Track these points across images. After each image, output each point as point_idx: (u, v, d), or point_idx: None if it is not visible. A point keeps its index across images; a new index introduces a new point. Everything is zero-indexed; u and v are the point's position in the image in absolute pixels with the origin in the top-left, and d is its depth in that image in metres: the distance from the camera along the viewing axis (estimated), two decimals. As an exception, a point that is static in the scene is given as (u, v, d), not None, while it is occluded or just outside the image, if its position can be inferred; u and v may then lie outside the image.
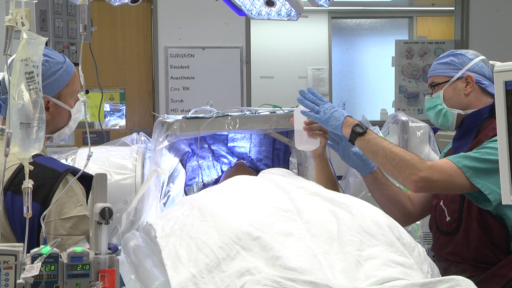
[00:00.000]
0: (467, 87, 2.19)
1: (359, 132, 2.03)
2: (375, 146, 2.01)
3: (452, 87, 2.22)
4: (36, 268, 1.27)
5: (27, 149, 1.35)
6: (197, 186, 2.61)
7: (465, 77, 2.20)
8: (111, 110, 5.97)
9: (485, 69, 2.21)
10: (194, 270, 1.51)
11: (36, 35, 1.37)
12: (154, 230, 1.80)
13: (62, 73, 1.90)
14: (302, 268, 1.49)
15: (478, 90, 2.20)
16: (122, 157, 2.44)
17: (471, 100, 2.20)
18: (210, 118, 2.42)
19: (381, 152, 2.00)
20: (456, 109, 2.22)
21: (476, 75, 2.20)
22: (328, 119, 2.10)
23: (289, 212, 1.76)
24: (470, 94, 2.20)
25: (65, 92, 1.91)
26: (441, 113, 2.25)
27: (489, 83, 2.20)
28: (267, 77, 6.87)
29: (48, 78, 1.86)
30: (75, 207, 1.72)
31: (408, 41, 6.60)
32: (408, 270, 1.56)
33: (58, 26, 3.31)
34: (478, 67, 2.21)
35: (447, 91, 2.23)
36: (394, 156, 1.97)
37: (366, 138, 2.03)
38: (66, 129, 1.96)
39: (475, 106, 2.20)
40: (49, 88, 1.86)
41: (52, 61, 1.89)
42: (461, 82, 2.21)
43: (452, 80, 2.22)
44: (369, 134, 2.03)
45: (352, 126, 2.05)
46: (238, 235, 1.58)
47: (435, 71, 2.29)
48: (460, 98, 2.21)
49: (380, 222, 1.71)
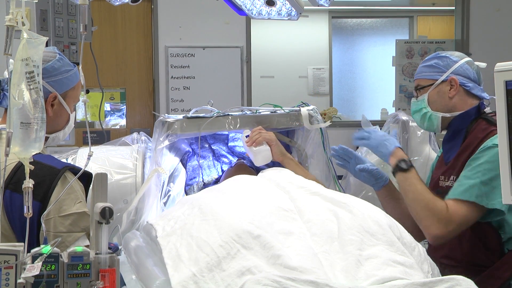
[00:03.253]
0: (451, 90, 2.20)
1: (402, 168, 2.06)
2: (410, 186, 2.04)
3: (437, 90, 2.23)
4: (36, 268, 1.27)
5: (27, 148, 1.36)
6: (198, 185, 2.61)
7: (449, 80, 2.20)
8: (111, 110, 5.97)
9: (469, 71, 2.21)
10: (195, 269, 1.51)
11: (36, 34, 1.37)
12: (155, 230, 1.80)
13: (72, 74, 1.94)
14: (302, 267, 1.49)
15: (462, 93, 2.20)
16: (122, 157, 2.44)
17: (455, 103, 2.21)
18: (211, 117, 2.42)
19: (411, 194, 2.04)
20: (440, 113, 2.23)
21: (461, 77, 2.20)
22: (378, 145, 2.15)
23: (290, 212, 1.76)
24: (455, 97, 2.20)
25: (70, 94, 1.94)
26: (426, 117, 2.26)
27: (474, 85, 2.20)
28: (267, 77, 6.87)
29: (61, 74, 1.90)
30: (74, 204, 1.73)
31: (408, 41, 6.59)
32: (408, 269, 1.56)
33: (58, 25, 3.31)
34: (463, 70, 2.21)
35: (432, 94, 2.24)
36: (420, 202, 2.01)
37: (407, 176, 2.05)
38: (61, 133, 1.98)
39: (460, 108, 2.20)
40: (59, 84, 1.90)
41: (65, 61, 1.94)
42: (446, 85, 2.21)
43: (436, 83, 2.22)
44: (411, 173, 2.05)
45: (399, 159, 2.08)
46: (238, 234, 1.58)
47: (420, 74, 2.30)
48: (444, 101, 2.22)
49: (380, 222, 1.71)
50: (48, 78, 1.87)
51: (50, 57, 1.89)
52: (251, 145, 2.40)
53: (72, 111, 1.97)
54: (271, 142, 2.41)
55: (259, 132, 2.42)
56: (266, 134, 2.41)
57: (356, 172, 2.28)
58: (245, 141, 2.44)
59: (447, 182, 2.16)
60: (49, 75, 1.87)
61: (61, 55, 1.93)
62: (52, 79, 1.88)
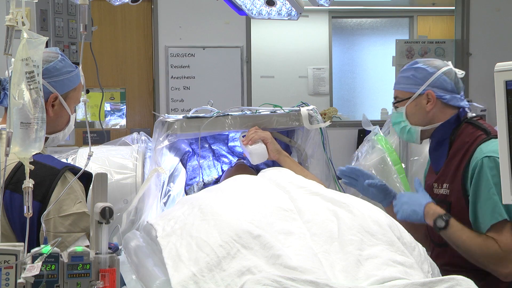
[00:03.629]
0: (428, 104, 2.19)
1: (441, 227, 2.02)
2: (456, 240, 2.01)
3: (414, 103, 2.22)
4: (36, 268, 1.27)
5: (27, 148, 1.36)
6: (198, 185, 2.61)
7: (426, 93, 2.19)
8: (111, 110, 5.97)
9: (447, 83, 2.19)
10: (195, 269, 1.51)
11: (36, 34, 1.37)
12: (155, 230, 1.80)
13: (74, 75, 1.94)
14: (302, 267, 1.49)
15: (440, 105, 2.19)
16: (122, 157, 2.44)
17: (434, 115, 2.21)
18: (211, 117, 2.42)
19: (462, 247, 2.01)
20: (419, 126, 2.23)
21: (438, 90, 2.18)
22: (408, 217, 2.09)
23: (290, 212, 1.76)
24: (432, 110, 2.20)
25: (71, 95, 1.94)
26: (405, 130, 2.27)
27: (451, 96, 2.18)
28: (267, 77, 6.86)
29: (63, 74, 1.90)
30: (74, 204, 1.73)
31: (408, 41, 6.59)
32: (408, 269, 1.56)
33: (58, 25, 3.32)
34: (440, 82, 2.18)
35: (410, 107, 2.23)
36: (474, 252, 1.98)
37: (449, 232, 2.02)
38: (61, 134, 1.98)
39: (438, 119, 2.20)
40: (60, 85, 1.90)
41: (67, 62, 1.94)
42: (423, 99, 2.20)
43: (413, 97, 2.21)
44: (451, 228, 2.01)
45: (434, 220, 2.04)
46: (238, 234, 1.58)
47: (398, 84, 2.29)
48: (422, 114, 2.21)
49: (380, 222, 1.71)
50: (50, 79, 1.87)
51: (52, 58, 1.89)
52: (246, 144, 2.43)
53: (72, 112, 1.97)
54: (266, 140, 2.43)
55: (255, 131, 2.44)
56: (262, 133, 2.44)
57: (364, 188, 2.28)
58: (241, 140, 2.48)
59: (441, 190, 2.17)
60: (51, 76, 1.87)
61: (63, 56, 1.93)
62: (53, 79, 1.88)
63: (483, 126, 2.13)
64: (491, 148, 2.01)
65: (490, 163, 1.97)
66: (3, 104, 1.87)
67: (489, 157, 1.98)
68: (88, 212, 1.74)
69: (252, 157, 2.44)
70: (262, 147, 2.43)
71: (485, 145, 2.04)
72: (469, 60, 6.24)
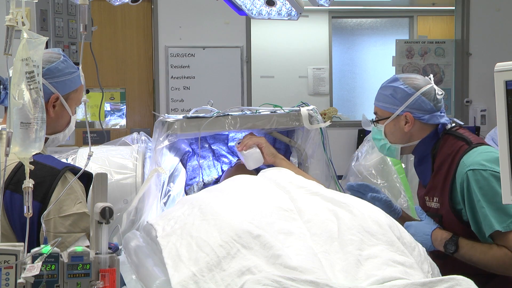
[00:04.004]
0: (407, 125, 2.20)
1: (452, 252, 2.03)
2: (470, 259, 2.01)
3: (393, 123, 2.23)
4: (36, 268, 1.27)
5: (27, 148, 1.36)
6: (198, 185, 2.61)
7: (404, 115, 2.19)
8: (111, 110, 5.97)
9: (425, 104, 2.18)
10: (195, 268, 1.51)
11: (36, 34, 1.37)
12: (155, 230, 1.80)
13: (75, 76, 1.94)
14: (302, 267, 1.49)
15: (418, 125, 2.20)
16: (122, 157, 2.43)
17: (412, 134, 2.22)
18: (211, 117, 2.42)
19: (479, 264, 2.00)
20: (398, 144, 2.25)
21: (416, 111, 2.19)
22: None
23: (290, 212, 1.76)
24: (410, 130, 2.21)
25: (72, 96, 1.94)
26: (385, 148, 2.29)
27: (430, 116, 2.18)
28: (267, 77, 6.86)
29: (65, 75, 1.90)
30: (74, 204, 1.73)
31: (408, 41, 6.59)
32: (408, 269, 1.56)
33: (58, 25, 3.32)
34: (418, 103, 2.18)
35: (388, 127, 2.24)
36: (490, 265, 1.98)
37: (460, 254, 2.02)
38: (61, 135, 1.98)
39: (417, 137, 2.21)
40: (62, 86, 1.90)
41: (69, 63, 1.94)
42: (401, 119, 2.21)
43: (391, 117, 2.22)
44: (462, 249, 2.02)
45: (443, 246, 2.05)
46: (238, 234, 1.58)
47: (378, 101, 2.29)
48: (401, 134, 2.23)
49: (380, 222, 1.71)
50: (51, 79, 1.87)
51: (55, 58, 1.89)
52: (241, 150, 2.46)
53: (73, 113, 1.97)
54: (261, 145, 2.45)
55: (250, 137, 2.47)
56: (256, 138, 2.46)
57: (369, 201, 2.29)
58: (236, 147, 2.51)
59: (432, 203, 2.17)
60: (53, 76, 1.87)
61: (65, 57, 1.93)
62: (55, 80, 1.88)
63: (464, 136, 2.13)
64: (473, 159, 2.02)
65: (474, 176, 1.98)
66: (4, 104, 1.87)
67: (473, 170, 1.99)
68: (89, 212, 1.74)
69: (248, 162, 2.46)
70: (257, 152, 2.44)
71: (467, 157, 2.04)
72: (469, 60, 6.24)
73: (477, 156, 2.01)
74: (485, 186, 1.95)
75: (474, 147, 2.06)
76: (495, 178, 1.94)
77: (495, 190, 1.93)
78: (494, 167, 1.96)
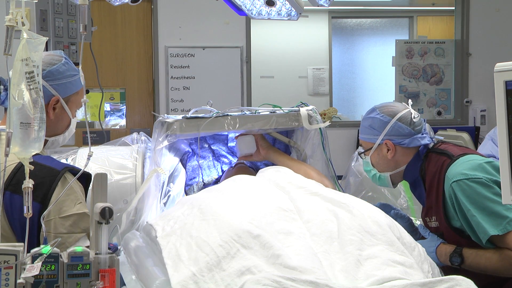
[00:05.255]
0: (389, 152, 2.23)
1: (458, 264, 2.03)
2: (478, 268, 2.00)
3: (376, 153, 2.26)
4: (36, 268, 1.27)
5: (27, 148, 1.36)
6: (198, 186, 2.61)
7: (384, 143, 2.22)
8: (111, 110, 5.97)
9: (403, 128, 2.21)
10: (195, 268, 1.52)
11: (36, 34, 1.37)
12: (154, 230, 1.80)
13: (77, 79, 1.94)
14: (302, 267, 1.49)
15: (400, 150, 2.23)
16: (122, 157, 2.44)
17: (397, 160, 2.24)
18: (210, 118, 2.42)
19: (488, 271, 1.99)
20: (387, 172, 2.27)
21: (395, 137, 2.21)
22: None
23: (289, 212, 1.76)
24: (394, 157, 2.23)
25: (73, 99, 1.94)
26: (376, 177, 2.31)
27: (410, 139, 2.20)
28: (267, 77, 6.86)
29: (66, 78, 1.90)
30: (74, 205, 1.73)
31: (408, 41, 6.59)
32: (408, 269, 1.56)
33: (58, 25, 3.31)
34: (395, 130, 2.21)
35: (373, 157, 2.28)
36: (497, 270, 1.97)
37: (467, 264, 2.02)
38: (61, 137, 1.98)
39: (403, 162, 2.24)
40: (63, 88, 1.90)
41: (71, 66, 1.94)
42: (383, 148, 2.24)
43: (374, 147, 2.25)
44: (467, 260, 2.01)
45: (449, 260, 2.04)
46: (238, 234, 1.58)
47: (361, 134, 2.33)
48: (386, 162, 2.25)
49: (380, 222, 1.71)
50: (52, 81, 1.87)
51: (56, 61, 1.89)
52: (237, 137, 2.52)
53: (74, 116, 1.97)
54: (257, 136, 2.52)
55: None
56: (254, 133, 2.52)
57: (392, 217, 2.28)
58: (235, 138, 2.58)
59: (432, 223, 2.17)
60: (54, 78, 1.87)
61: (67, 60, 1.93)
62: (56, 82, 1.88)
63: (445, 151, 2.15)
64: (455, 171, 2.03)
65: (459, 187, 1.99)
66: (4, 105, 1.87)
67: (457, 182, 2.00)
68: (89, 212, 1.74)
69: (240, 146, 2.52)
70: (250, 137, 2.51)
71: (449, 171, 2.05)
72: (469, 60, 6.24)
73: (459, 167, 2.03)
74: (472, 194, 1.95)
75: (456, 159, 2.08)
76: (479, 184, 1.95)
77: (482, 195, 1.94)
78: (476, 174, 1.97)
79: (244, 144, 2.51)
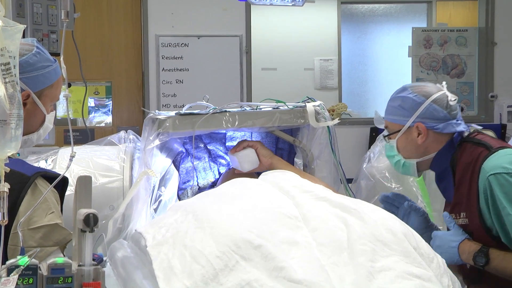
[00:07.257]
0: (420, 136, 2.21)
1: (482, 265, 2.02)
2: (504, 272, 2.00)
3: (405, 136, 2.24)
4: (12, 282, 1.27)
5: (3, 148, 1.35)
6: (192, 190, 2.62)
7: (416, 126, 2.21)
8: (96, 106, 5.98)
9: (437, 111, 2.19)
10: (189, 282, 1.52)
11: (12, 22, 1.37)
12: (144, 238, 1.80)
13: (50, 71, 1.92)
14: (308, 280, 1.49)
15: (433, 135, 2.21)
16: (108, 158, 2.44)
17: (427, 146, 2.23)
18: (206, 114, 2.42)
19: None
20: (413, 159, 2.25)
21: (428, 120, 2.20)
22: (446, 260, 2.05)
23: (294, 219, 1.76)
24: (424, 142, 2.22)
25: (47, 93, 1.93)
26: (400, 164, 2.29)
27: (445, 124, 2.19)
28: (269, 69, 6.86)
29: (36, 70, 1.88)
30: (45, 215, 1.71)
31: (426, 29, 6.59)
32: (426, 283, 1.57)
33: (36, 12, 3.31)
34: (429, 112, 2.19)
35: (400, 141, 2.26)
36: None
37: (491, 267, 2.01)
38: (35, 135, 1.96)
39: (433, 149, 2.22)
40: (33, 81, 1.88)
41: (44, 56, 1.92)
42: (413, 131, 2.22)
43: (402, 130, 2.23)
44: (493, 262, 2.01)
45: (473, 259, 2.04)
46: (237, 243, 1.58)
47: (387, 115, 2.31)
48: (414, 147, 2.24)
49: (394, 230, 1.71)
50: (21, 75, 1.84)
51: (26, 51, 1.87)
52: (234, 152, 2.50)
53: (49, 111, 1.95)
54: (255, 146, 2.50)
55: (243, 141, 2.54)
56: (250, 142, 2.53)
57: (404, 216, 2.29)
58: (229, 154, 2.56)
59: (459, 220, 2.16)
60: (23, 71, 1.84)
61: (39, 49, 1.91)
62: (25, 75, 1.85)
63: (483, 142, 2.13)
64: (493, 163, 2.02)
65: (497, 181, 1.98)
66: None
67: (495, 175, 1.99)
68: (61, 224, 1.73)
69: (242, 164, 2.49)
70: (251, 151, 2.49)
71: (487, 163, 2.04)
72: (494, 50, 6.24)
73: (499, 159, 2.02)
74: (511, 191, 1.95)
75: (495, 151, 2.06)
76: None
77: None
78: None
79: (244, 159, 2.48)
